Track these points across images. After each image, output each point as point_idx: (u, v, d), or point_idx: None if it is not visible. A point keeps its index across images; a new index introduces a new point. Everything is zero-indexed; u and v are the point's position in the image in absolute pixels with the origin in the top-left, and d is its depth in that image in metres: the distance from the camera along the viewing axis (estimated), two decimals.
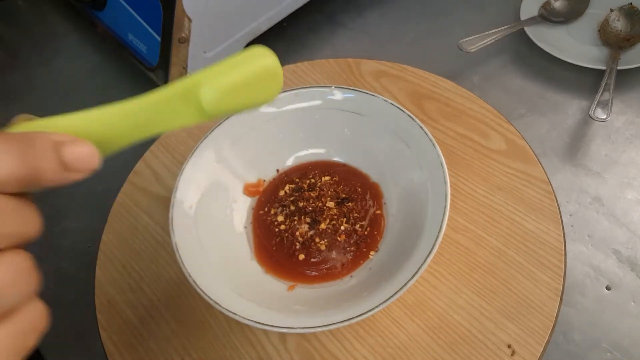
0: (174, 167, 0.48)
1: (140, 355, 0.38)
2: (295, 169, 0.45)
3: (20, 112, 0.22)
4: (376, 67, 0.52)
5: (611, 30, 0.55)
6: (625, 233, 0.44)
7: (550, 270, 0.37)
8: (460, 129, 0.46)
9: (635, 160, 0.48)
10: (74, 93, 0.64)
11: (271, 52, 0.23)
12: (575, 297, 0.41)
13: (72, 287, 0.46)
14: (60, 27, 0.72)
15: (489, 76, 0.57)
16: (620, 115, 0.51)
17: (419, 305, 0.37)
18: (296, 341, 0.37)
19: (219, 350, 0.38)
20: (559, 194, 0.44)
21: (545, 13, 0.58)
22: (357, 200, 0.42)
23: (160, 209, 0.45)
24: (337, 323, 0.31)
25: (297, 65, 0.53)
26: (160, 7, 0.50)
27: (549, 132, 0.51)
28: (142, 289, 0.41)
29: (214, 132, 0.42)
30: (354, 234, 0.40)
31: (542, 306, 0.36)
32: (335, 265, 0.39)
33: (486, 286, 0.37)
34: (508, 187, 0.42)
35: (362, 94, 0.42)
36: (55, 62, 0.68)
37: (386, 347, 0.36)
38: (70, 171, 0.19)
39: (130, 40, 0.56)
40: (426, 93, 0.49)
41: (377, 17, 0.66)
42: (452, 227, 0.41)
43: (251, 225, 0.43)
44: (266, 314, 0.33)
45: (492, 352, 0.35)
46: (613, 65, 0.51)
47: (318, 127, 0.45)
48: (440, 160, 0.37)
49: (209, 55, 0.54)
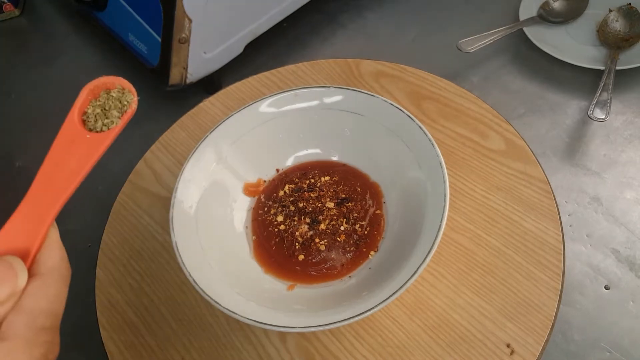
0: (175, 167, 0.48)
1: (141, 355, 0.38)
2: (295, 169, 0.45)
3: (21, 112, 0.22)
4: (376, 67, 0.52)
5: (610, 31, 0.56)
6: (624, 233, 0.44)
7: (549, 269, 0.37)
8: (459, 129, 0.46)
9: (634, 160, 0.48)
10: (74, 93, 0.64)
11: None
12: (574, 297, 0.41)
13: (73, 287, 0.45)
14: (60, 27, 0.72)
15: (488, 76, 0.57)
16: (619, 115, 0.51)
17: (418, 304, 0.38)
18: (296, 340, 0.37)
19: (219, 349, 0.38)
20: (558, 193, 0.45)
21: (544, 13, 0.59)
22: (356, 200, 0.42)
23: (160, 209, 0.45)
24: (336, 322, 0.32)
25: (297, 66, 0.54)
26: (160, 8, 0.50)
27: (548, 132, 0.51)
28: (143, 288, 0.41)
29: (214, 132, 0.42)
30: (354, 234, 0.40)
31: (541, 306, 0.36)
32: (334, 265, 0.39)
33: (485, 286, 0.38)
34: (507, 187, 0.42)
35: (362, 94, 0.43)
36: (56, 63, 0.68)
37: (386, 347, 0.36)
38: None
39: (130, 40, 0.57)
40: (425, 93, 0.49)
41: (377, 17, 0.66)
42: (452, 227, 0.41)
43: (251, 225, 0.43)
44: (266, 314, 0.33)
45: (492, 352, 0.35)
46: (612, 65, 0.51)
47: (318, 127, 0.45)
48: (439, 160, 0.37)
49: (209, 55, 0.55)
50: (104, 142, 0.20)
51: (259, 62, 0.63)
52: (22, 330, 0.16)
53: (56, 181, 0.19)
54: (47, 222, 0.18)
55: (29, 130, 0.61)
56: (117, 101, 0.22)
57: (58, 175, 0.19)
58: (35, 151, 0.59)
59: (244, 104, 0.46)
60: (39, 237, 0.17)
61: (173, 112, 0.56)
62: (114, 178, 0.49)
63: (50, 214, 0.18)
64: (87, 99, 0.22)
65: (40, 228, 0.18)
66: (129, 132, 0.61)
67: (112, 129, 0.21)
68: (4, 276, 0.16)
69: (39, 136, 0.61)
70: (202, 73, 0.56)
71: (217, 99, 0.52)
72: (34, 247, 0.17)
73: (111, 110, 0.22)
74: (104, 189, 0.53)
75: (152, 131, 0.52)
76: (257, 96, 0.51)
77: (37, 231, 0.18)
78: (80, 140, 0.20)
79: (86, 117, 0.21)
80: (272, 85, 0.53)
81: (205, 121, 0.51)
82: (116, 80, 0.22)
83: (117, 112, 0.22)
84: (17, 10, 0.74)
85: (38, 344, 0.16)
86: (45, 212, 0.18)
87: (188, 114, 0.51)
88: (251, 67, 0.62)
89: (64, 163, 0.19)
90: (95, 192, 0.52)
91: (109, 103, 0.22)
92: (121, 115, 0.22)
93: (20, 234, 0.17)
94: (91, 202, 0.52)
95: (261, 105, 0.44)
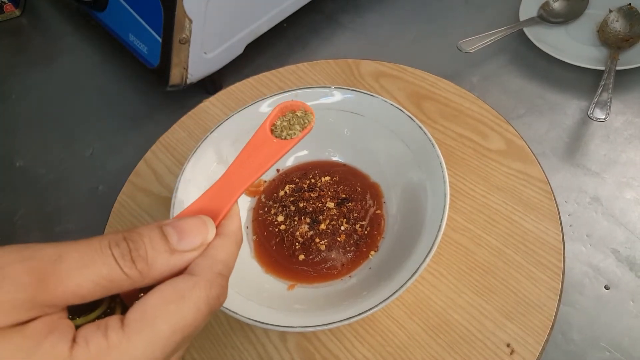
0: (175, 168, 0.48)
1: None
2: (295, 169, 0.45)
3: (21, 112, 0.22)
4: (376, 67, 0.52)
5: (610, 31, 0.56)
6: (624, 232, 0.44)
7: (549, 269, 0.38)
8: (459, 129, 0.46)
9: (634, 160, 0.48)
10: (75, 93, 0.64)
11: None
12: (574, 297, 0.41)
13: None
14: (61, 27, 0.72)
15: (488, 76, 0.57)
16: (619, 115, 0.51)
17: (418, 304, 0.38)
18: (296, 340, 0.37)
19: (219, 349, 0.38)
20: (557, 193, 0.45)
21: (544, 14, 0.59)
22: (357, 200, 0.42)
23: (161, 209, 0.45)
24: (337, 322, 0.32)
25: (297, 66, 0.54)
26: (161, 8, 0.50)
27: (547, 132, 0.51)
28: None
29: (215, 133, 0.42)
30: (354, 234, 0.40)
31: (541, 305, 0.36)
32: (335, 265, 0.39)
33: (485, 286, 0.38)
34: (507, 187, 0.42)
35: (362, 94, 0.43)
36: (56, 63, 0.68)
37: (386, 346, 0.36)
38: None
39: (131, 41, 0.57)
40: (425, 93, 0.49)
41: (376, 17, 0.66)
42: (452, 227, 0.41)
43: (251, 225, 0.43)
44: (266, 313, 0.33)
45: (492, 351, 0.35)
46: (612, 65, 0.51)
47: (318, 127, 0.44)
48: (439, 160, 0.37)
49: (209, 56, 0.55)
50: (286, 147, 0.27)
51: (259, 63, 0.63)
52: (205, 271, 0.21)
53: (246, 169, 0.25)
54: (235, 196, 0.24)
55: (29, 130, 0.61)
56: (300, 119, 0.28)
57: (248, 165, 0.25)
58: (35, 151, 0.59)
59: (244, 104, 0.46)
60: (227, 206, 0.23)
61: (173, 112, 0.56)
62: (115, 178, 0.49)
63: (238, 191, 0.24)
64: (277, 115, 0.28)
65: (229, 200, 0.24)
66: (130, 132, 0.61)
67: (294, 138, 0.27)
68: (199, 229, 0.21)
69: (39, 136, 0.61)
70: (203, 73, 0.56)
71: (217, 99, 0.52)
72: (222, 214, 0.23)
73: (295, 125, 0.28)
74: (104, 189, 0.53)
75: (153, 131, 0.52)
76: (258, 96, 0.51)
77: (226, 202, 0.24)
78: (269, 144, 0.26)
79: (274, 128, 0.27)
80: (273, 86, 0.53)
81: (205, 121, 0.51)
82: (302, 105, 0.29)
83: (299, 126, 0.28)
84: (18, 10, 0.74)
85: (215, 285, 0.21)
86: (234, 189, 0.24)
87: (188, 114, 0.52)
88: (251, 67, 0.62)
89: (254, 157, 0.26)
90: (96, 192, 0.53)
91: (294, 120, 0.28)
92: (302, 129, 0.28)
93: (214, 202, 0.24)
94: (92, 202, 0.52)
95: (261, 106, 0.44)
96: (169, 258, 0.20)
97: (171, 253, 0.20)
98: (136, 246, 0.20)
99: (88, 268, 0.18)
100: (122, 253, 0.19)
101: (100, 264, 0.18)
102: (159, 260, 0.20)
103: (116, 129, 0.59)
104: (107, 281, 0.19)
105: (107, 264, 0.19)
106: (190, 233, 0.21)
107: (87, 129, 0.60)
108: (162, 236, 0.20)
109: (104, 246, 0.19)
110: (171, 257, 0.20)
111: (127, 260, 0.19)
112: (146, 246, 0.20)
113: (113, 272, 0.19)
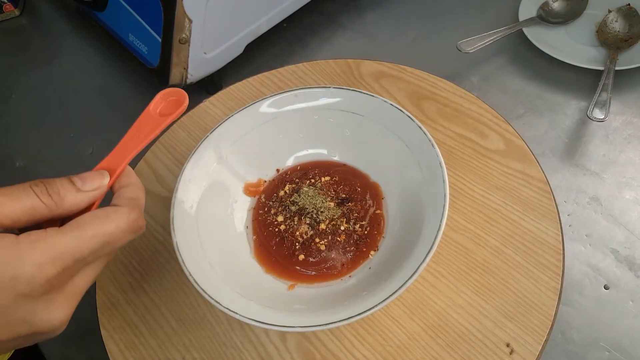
0: (175, 167, 0.48)
1: (142, 354, 0.38)
2: (295, 169, 0.46)
3: (21, 112, 0.24)
4: (376, 67, 0.52)
5: (609, 31, 0.56)
6: (623, 232, 0.44)
7: (548, 269, 0.38)
8: (459, 129, 0.46)
9: (633, 160, 0.48)
10: (74, 93, 0.64)
11: None
12: (573, 297, 0.41)
13: None
14: (60, 27, 0.72)
15: (487, 77, 0.57)
16: (618, 115, 0.51)
17: (418, 304, 0.38)
18: (296, 340, 0.38)
19: (219, 348, 0.38)
20: (557, 193, 0.45)
21: (543, 14, 0.59)
22: (357, 200, 0.42)
23: (161, 209, 0.45)
24: (337, 322, 0.32)
25: (297, 66, 0.54)
26: (161, 8, 0.50)
27: (547, 132, 0.51)
28: (143, 288, 0.41)
29: (215, 132, 0.42)
30: (354, 234, 0.40)
31: (540, 305, 0.36)
32: (335, 265, 0.39)
33: (485, 285, 0.38)
34: (507, 187, 0.42)
35: (362, 94, 0.43)
36: (56, 63, 0.68)
37: (386, 346, 0.36)
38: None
39: (131, 41, 0.57)
40: (425, 94, 0.49)
41: (376, 18, 0.66)
42: (451, 227, 0.41)
43: (251, 225, 0.43)
44: (266, 313, 0.33)
45: (491, 351, 0.35)
46: (611, 65, 0.51)
47: (318, 127, 0.45)
48: (439, 160, 0.37)
49: (209, 55, 0.55)
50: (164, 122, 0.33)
51: (259, 63, 0.63)
52: (125, 202, 0.29)
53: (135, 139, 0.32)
54: (127, 159, 0.31)
55: (29, 130, 0.61)
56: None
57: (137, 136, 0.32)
58: (35, 151, 0.59)
59: (244, 104, 0.46)
60: (121, 166, 0.30)
61: None
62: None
63: (128, 156, 0.31)
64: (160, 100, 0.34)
65: (122, 162, 0.31)
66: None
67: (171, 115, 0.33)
68: (97, 177, 0.29)
69: (39, 136, 0.61)
70: (203, 73, 0.56)
71: (217, 99, 0.53)
72: (118, 171, 0.30)
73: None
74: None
75: None
76: (258, 96, 0.51)
77: (120, 163, 0.31)
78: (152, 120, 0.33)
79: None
80: (273, 86, 0.53)
81: (205, 121, 0.51)
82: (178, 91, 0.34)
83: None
84: (17, 10, 0.74)
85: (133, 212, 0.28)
86: (125, 154, 0.31)
87: (188, 114, 0.52)
88: (251, 68, 0.62)
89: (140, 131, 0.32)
90: None
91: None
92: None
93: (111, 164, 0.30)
94: None
95: (261, 106, 0.44)
96: (76, 195, 0.27)
97: (77, 191, 0.27)
98: (51, 186, 0.26)
99: (16, 200, 0.25)
100: (41, 190, 0.26)
101: (24, 197, 0.25)
102: (68, 195, 0.27)
103: (116, 129, 0.59)
104: (30, 209, 0.25)
105: (30, 197, 0.25)
106: (90, 179, 0.28)
107: (87, 129, 0.60)
108: (69, 181, 0.27)
109: (27, 186, 0.26)
110: (77, 194, 0.27)
111: (45, 194, 0.26)
112: (58, 186, 0.27)
113: (34, 202, 0.25)
